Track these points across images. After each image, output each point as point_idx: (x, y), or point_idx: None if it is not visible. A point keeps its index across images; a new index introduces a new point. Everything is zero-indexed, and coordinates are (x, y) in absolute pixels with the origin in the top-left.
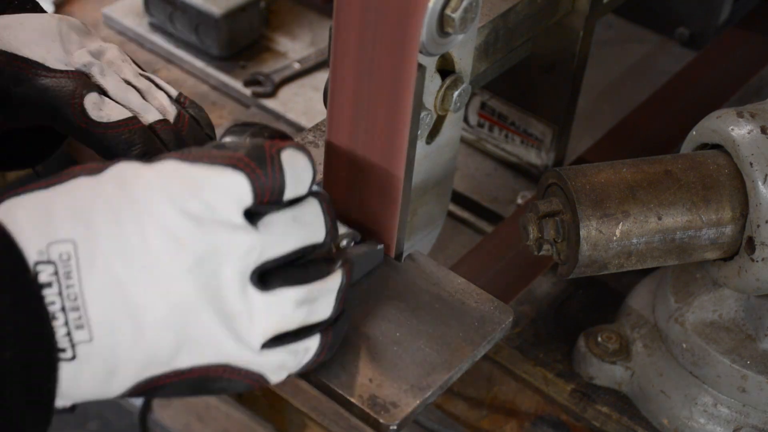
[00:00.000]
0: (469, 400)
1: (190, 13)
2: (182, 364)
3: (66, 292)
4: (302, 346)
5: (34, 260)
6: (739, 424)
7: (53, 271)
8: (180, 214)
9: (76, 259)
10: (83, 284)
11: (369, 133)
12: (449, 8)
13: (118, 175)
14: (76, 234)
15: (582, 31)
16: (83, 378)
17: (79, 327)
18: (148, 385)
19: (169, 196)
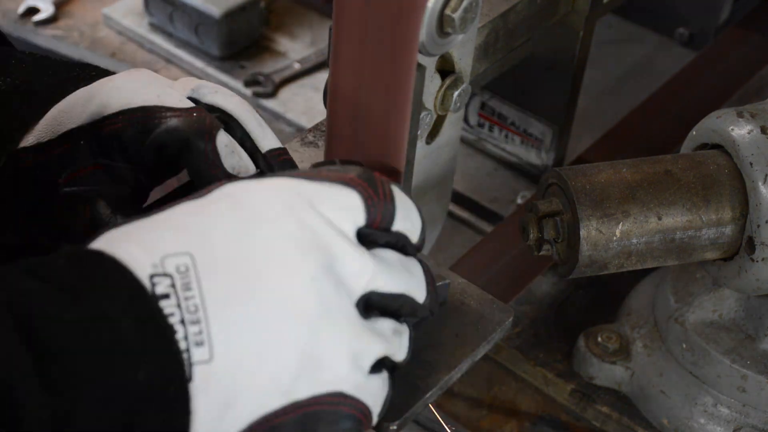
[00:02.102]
0: (469, 400)
1: (190, 13)
2: (300, 394)
3: (185, 304)
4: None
5: (149, 273)
6: (739, 424)
7: (170, 284)
8: (299, 224)
9: (194, 269)
10: (204, 295)
11: (369, 134)
12: (449, 8)
13: (227, 192)
14: (191, 246)
15: (582, 31)
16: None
17: (199, 344)
18: (261, 425)
19: (287, 206)
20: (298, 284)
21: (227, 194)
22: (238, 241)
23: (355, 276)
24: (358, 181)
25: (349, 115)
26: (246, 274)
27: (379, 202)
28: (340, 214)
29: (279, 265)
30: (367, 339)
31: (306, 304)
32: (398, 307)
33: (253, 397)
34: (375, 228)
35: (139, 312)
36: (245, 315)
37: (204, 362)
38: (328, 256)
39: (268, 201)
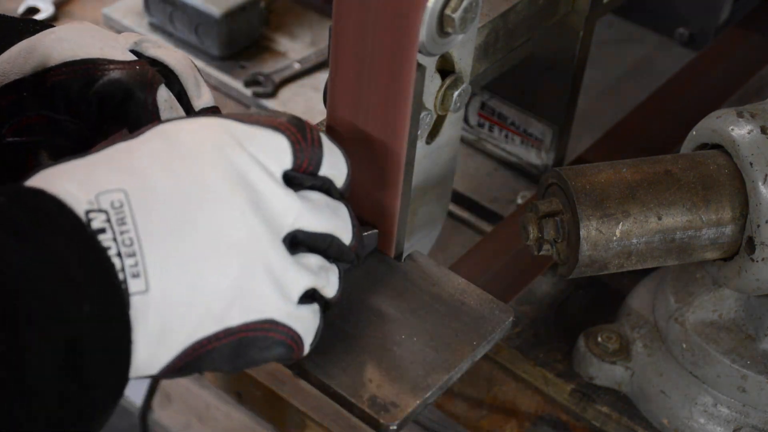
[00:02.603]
0: (469, 400)
1: (190, 13)
2: (233, 321)
3: (121, 238)
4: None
5: (85, 209)
6: (739, 424)
7: (105, 218)
8: (228, 162)
9: (128, 205)
10: (138, 229)
11: (369, 134)
12: (449, 8)
13: (159, 130)
14: (125, 183)
15: (582, 31)
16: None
17: (135, 275)
18: (195, 350)
19: (217, 143)
20: (228, 218)
21: (159, 132)
22: (170, 176)
23: (281, 213)
24: (287, 125)
25: (349, 114)
26: (178, 208)
27: (307, 147)
28: (268, 155)
29: (209, 200)
30: (294, 271)
31: (236, 237)
32: (325, 246)
33: (187, 324)
34: (301, 172)
35: (80, 247)
36: (178, 247)
37: (141, 293)
38: (255, 193)
39: (199, 138)
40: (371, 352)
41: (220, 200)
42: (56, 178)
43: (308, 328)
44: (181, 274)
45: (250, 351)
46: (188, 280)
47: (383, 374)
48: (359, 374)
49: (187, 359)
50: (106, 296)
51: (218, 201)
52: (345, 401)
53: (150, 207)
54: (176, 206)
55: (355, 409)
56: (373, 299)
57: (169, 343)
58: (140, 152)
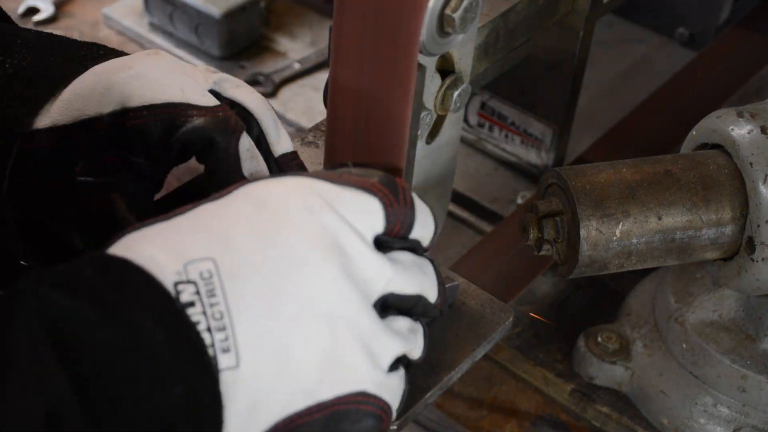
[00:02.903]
0: (469, 400)
1: (190, 13)
2: (324, 395)
3: (210, 311)
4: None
5: (173, 281)
6: (739, 424)
7: (194, 291)
8: (319, 226)
9: (218, 275)
10: (228, 301)
11: (369, 133)
12: (449, 8)
13: (247, 192)
14: (214, 251)
15: (582, 31)
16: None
17: (226, 350)
18: (286, 426)
19: (308, 207)
20: (319, 286)
21: (247, 194)
22: (260, 243)
23: (373, 279)
24: (379, 186)
25: (350, 115)
26: (268, 277)
27: (400, 210)
28: (360, 218)
29: (300, 268)
30: (386, 338)
31: (327, 306)
32: (411, 306)
33: (278, 398)
34: (393, 235)
35: (170, 325)
36: (269, 319)
37: (231, 368)
38: (347, 259)
39: (289, 201)
40: None
41: (312, 267)
42: (142, 245)
43: (396, 395)
44: (271, 347)
45: (341, 424)
46: (279, 353)
47: None
48: None
49: None
50: (197, 376)
51: (309, 268)
52: None
53: (240, 277)
54: (266, 275)
55: None
56: None
57: (259, 419)
58: (228, 216)
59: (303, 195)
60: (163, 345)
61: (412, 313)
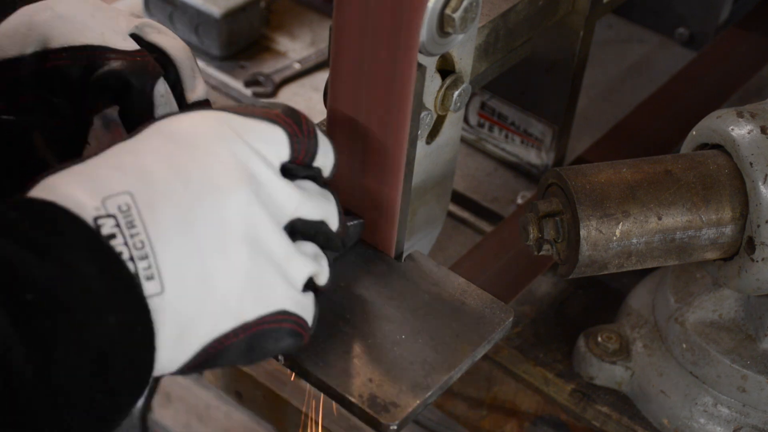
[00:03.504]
0: (469, 400)
1: (190, 13)
2: (248, 315)
3: (132, 241)
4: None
5: (93, 216)
6: (739, 424)
7: (114, 224)
8: (230, 154)
9: (135, 207)
10: (148, 230)
11: (369, 133)
12: (449, 8)
13: (158, 128)
14: (130, 185)
15: (582, 31)
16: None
17: (150, 278)
18: (214, 347)
19: (218, 136)
20: (234, 211)
21: (159, 130)
22: (174, 172)
23: (283, 203)
24: (283, 117)
25: (350, 114)
26: (185, 204)
27: (303, 139)
28: (268, 147)
29: (215, 193)
30: (298, 258)
31: (243, 229)
32: (315, 233)
33: (205, 321)
34: (298, 163)
35: (98, 258)
36: (189, 244)
37: (157, 295)
38: (258, 184)
39: (199, 132)
40: (371, 352)
41: (225, 192)
42: (61, 186)
43: (310, 314)
44: (194, 271)
45: (264, 343)
46: (201, 277)
47: (383, 374)
48: (359, 374)
49: (206, 356)
50: (129, 304)
51: (223, 193)
52: (345, 401)
53: (157, 206)
54: (183, 202)
55: (355, 409)
56: (373, 299)
57: (189, 342)
58: (142, 152)
59: (212, 125)
60: (95, 278)
61: (316, 240)
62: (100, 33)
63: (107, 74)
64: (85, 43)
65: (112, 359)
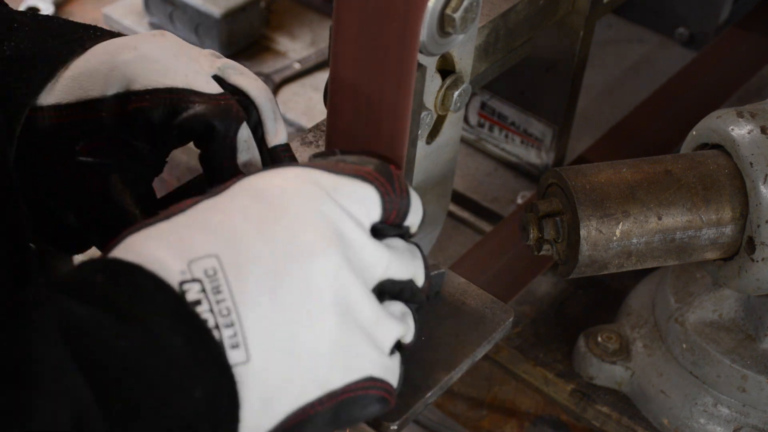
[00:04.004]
0: (469, 400)
1: (190, 13)
2: (335, 383)
3: (217, 308)
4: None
5: (178, 281)
6: (739, 424)
7: (200, 289)
8: (320, 215)
9: (222, 271)
10: (234, 296)
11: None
12: (449, 8)
13: (245, 186)
14: (216, 247)
15: (582, 31)
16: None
17: (235, 346)
18: (298, 416)
19: (307, 197)
20: (323, 276)
21: (246, 187)
22: (261, 235)
23: (373, 265)
24: (375, 175)
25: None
26: (272, 269)
27: (395, 198)
28: (358, 207)
29: (303, 257)
30: (386, 323)
31: (332, 294)
32: (401, 290)
33: (290, 390)
34: (388, 223)
35: (184, 327)
36: (276, 311)
37: (242, 364)
38: (347, 247)
39: (287, 191)
40: None
41: (314, 256)
42: (145, 246)
43: (396, 376)
44: (281, 338)
45: (351, 411)
46: (288, 344)
47: None
48: None
49: (290, 425)
50: (215, 377)
51: (312, 257)
52: None
53: (244, 271)
54: (270, 267)
55: None
56: None
57: (273, 411)
58: (228, 211)
59: (301, 185)
60: (181, 349)
61: (402, 298)
62: (183, 75)
63: (191, 118)
64: (168, 85)
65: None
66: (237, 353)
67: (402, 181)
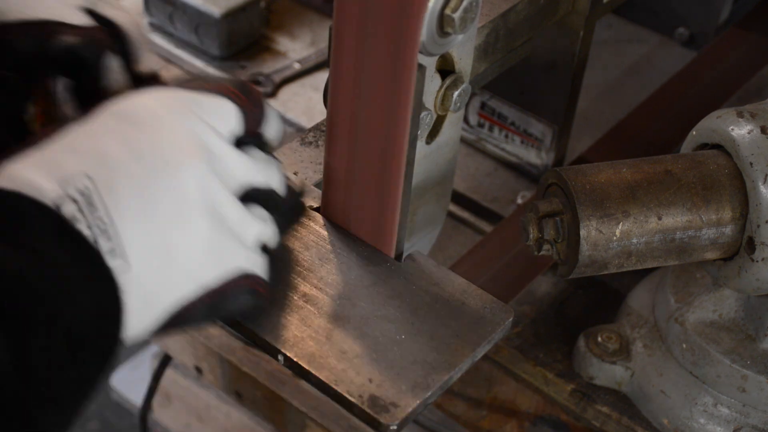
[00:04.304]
0: (469, 400)
1: (190, 13)
2: (209, 280)
3: (95, 223)
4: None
5: (53, 201)
6: (739, 424)
7: (77, 207)
8: (183, 129)
9: (95, 188)
10: (110, 211)
11: (369, 133)
12: (449, 8)
13: (113, 109)
14: (88, 167)
15: (582, 31)
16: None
17: (115, 257)
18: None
19: (170, 113)
20: (190, 184)
21: (113, 110)
22: (130, 153)
23: (235, 173)
24: (232, 89)
25: (349, 115)
26: (142, 182)
27: (252, 110)
28: (219, 120)
29: (170, 168)
30: (252, 222)
31: (200, 200)
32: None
33: (169, 291)
34: (248, 132)
35: (68, 244)
36: (150, 219)
37: (124, 272)
38: (212, 157)
39: (152, 110)
40: (371, 352)
41: (181, 166)
42: (20, 173)
43: (266, 271)
44: (157, 245)
45: (226, 304)
46: (165, 249)
47: (383, 374)
48: (359, 374)
49: (172, 322)
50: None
51: (179, 167)
52: (345, 401)
53: (116, 186)
54: (140, 180)
55: (355, 409)
56: (374, 299)
57: (155, 311)
58: (97, 134)
59: (165, 103)
60: (66, 264)
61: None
62: (53, 8)
63: (60, 49)
64: (37, 17)
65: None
66: (117, 262)
67: (257, 94)
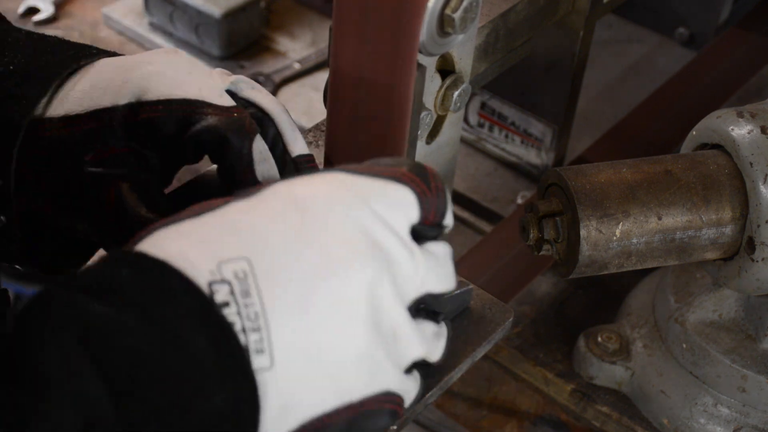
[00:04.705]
0: (469, 400)
1: (190, 13)
2: (354, 396)
3: (245, 312)
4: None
5: (207, 280)
6: (739, 424)
7: (229, 291)
8: (355, 225)
9: (252, 275)
10: (264, 302)
11: (369, 133)
12: (449, 8)
13: (277, 191)
14: (248, 250)
15: (582, 31)
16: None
17: (260, 351)
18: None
19: (342, 205)
20: (356, 289)
21: (278, 192)
22: (295, 243)
23: (409, 279)
24: (410, 175)
25: (349, 115)
26: (304, 278)
27: (432, 198)
28: (395, 212)
29: (336, 269)
30: (415, 342)
31: (363, 309)
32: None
33: (309, 399)
34: (427, 224)
35: (209, 329)
36: (305, 320)
37: (265, 369)
38: (384, 260)
39: (321, 198)
40: None
41: (346, 270)
42: (173, 243)
43: (412, 393)
44: (306, 347)
45: (364, 423)
46: (315, 354)
47: None
48: None
49: None
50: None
51: (344, 271)
52: None
53: (275, 277)
54: (302, 276)
55: None
56: None
57: (291, 419)
58: (260, 215)
59: (335, 191)
60: (204, 351)
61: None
62: (197, 88)
63: (204, 130)
64: (181, 96)
65: None
66: (261, 359)
67: (437, 179)
